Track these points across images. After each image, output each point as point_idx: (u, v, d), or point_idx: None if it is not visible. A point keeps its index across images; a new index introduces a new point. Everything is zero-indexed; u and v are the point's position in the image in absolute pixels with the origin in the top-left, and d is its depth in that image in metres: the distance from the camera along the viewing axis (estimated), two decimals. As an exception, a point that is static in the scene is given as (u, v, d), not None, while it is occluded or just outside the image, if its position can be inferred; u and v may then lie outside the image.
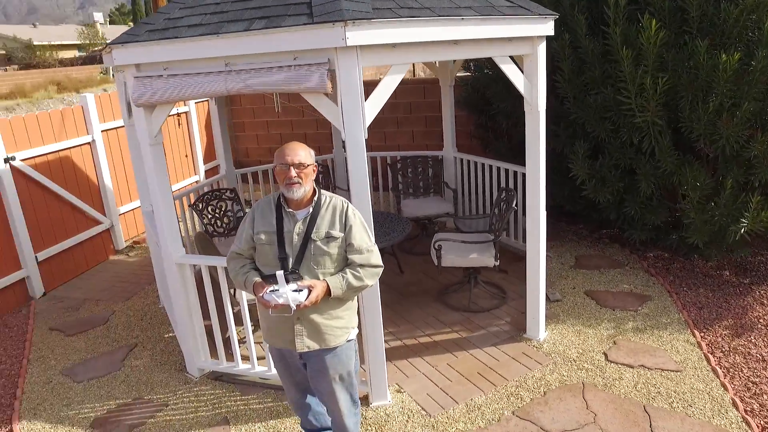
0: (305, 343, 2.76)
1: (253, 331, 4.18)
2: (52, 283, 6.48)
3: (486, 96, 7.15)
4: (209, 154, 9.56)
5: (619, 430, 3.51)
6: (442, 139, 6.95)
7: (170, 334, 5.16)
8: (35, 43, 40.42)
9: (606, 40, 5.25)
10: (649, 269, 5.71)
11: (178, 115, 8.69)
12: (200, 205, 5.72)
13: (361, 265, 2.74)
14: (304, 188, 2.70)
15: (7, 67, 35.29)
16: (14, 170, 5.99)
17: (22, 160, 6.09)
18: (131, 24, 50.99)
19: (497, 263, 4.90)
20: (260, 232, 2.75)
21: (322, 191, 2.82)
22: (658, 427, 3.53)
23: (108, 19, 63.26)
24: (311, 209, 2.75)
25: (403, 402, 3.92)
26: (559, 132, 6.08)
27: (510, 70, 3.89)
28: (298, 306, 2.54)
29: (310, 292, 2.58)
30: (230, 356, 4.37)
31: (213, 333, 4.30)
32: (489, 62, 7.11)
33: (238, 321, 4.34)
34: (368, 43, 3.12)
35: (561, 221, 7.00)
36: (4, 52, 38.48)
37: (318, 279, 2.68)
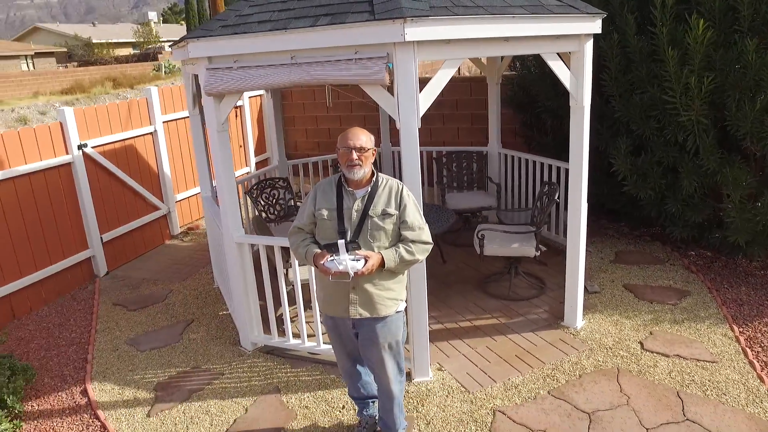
0: (358, 311, 3.02)
1: (304, 310, 4.45)
2: (114, 263, 6.94)
3: (532, 94, 7.29)
4: (260, 147, 9.96)
5: (652, 412, 3.66)
6: (487, 136, 7.13)
7: (224, 312, 5.51)
8: (94, 41, 42.14)
9: (653, 39, 5.35)
10: (689, 266, 5.77)
11: (236, 107, 9.11)
12: (255, 193, 6.06)
13: (413, 241, 2.98)
14: (364, 170, 2.96)
15: (68, 64, 36.94)
16: (86, 156, 6.45)
17: (93, 147, 6.55)
18: (183, 23, 52.49)
19: (538, 253, 5.07)
20: (322, 208, 3.02)
21: (380, 174, 3.07)
22: (690, 412, 3.66)
23: (161, 18, 65.23)
24: (369, 189, 3.01)
25: (443, 379, 4.14)
26: (602, 130, 6.20)
27: (557, 67, 4.06)
28: (355, 273, 2.80)
29: (366, 261, 2.84)
30: (282, 332, 4.67)
31: (267, 311, 4.61)
32: (535, 61, 7.25)
33: (291, 300, 4.64)
34: (425, 39, 3.36)
35: (602, 219, 7.09)
36: (65, 49, 40.26)
37: (373, 252, 2.93)
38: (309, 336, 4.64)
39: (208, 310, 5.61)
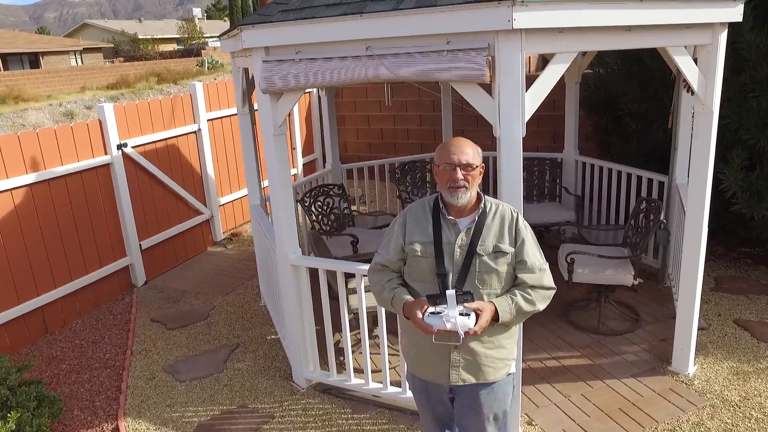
0: (461, 376, 2.35)
1: (369, 342, 3.82)
2: (153, 272, 6.46)
3: (612, 95, 6.52)
4: (307, 148, 9.39)
5: (813, 501, 2.91)
6: (554, 140, 6.39)
7: (273, 336, 4.93)
8: (140, 36, 42.61)
9: (774, 33, 4.55)
10: (808, 299, 4.94)
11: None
12: (308, 201, 5.46)
13: (533, 287, 2.29)
14: (470, 193, 2.29)
15: (114, 59, 37.35)
16: (125, 157, 5.97)
17: (133, 147, 6.07)
18: (227, 19, 52.66)
19: (636, 282, 4.33)
20: (414, 242, 2.34)
21: (486, 197, 2.39)
22: None
23: (205, 14, 65.75)
24: (476, 218, 2.32)
25: (536, 437, 3.46)
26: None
27: (684, 63, 3.32)
28: (466, 333, 2.13)
29: (477, 316, 2.17)
30: (341, 368, 4.06)
31: (324, 340, 3.99)
32: (619, 57, 6.47)
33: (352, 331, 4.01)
34: (535, 26, 2.68)
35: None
36: (112, 45, 40.77)
37: (482, 301, 2.26)
38: (373, 372, 3.99)
39: (255, 332, 5.04)
